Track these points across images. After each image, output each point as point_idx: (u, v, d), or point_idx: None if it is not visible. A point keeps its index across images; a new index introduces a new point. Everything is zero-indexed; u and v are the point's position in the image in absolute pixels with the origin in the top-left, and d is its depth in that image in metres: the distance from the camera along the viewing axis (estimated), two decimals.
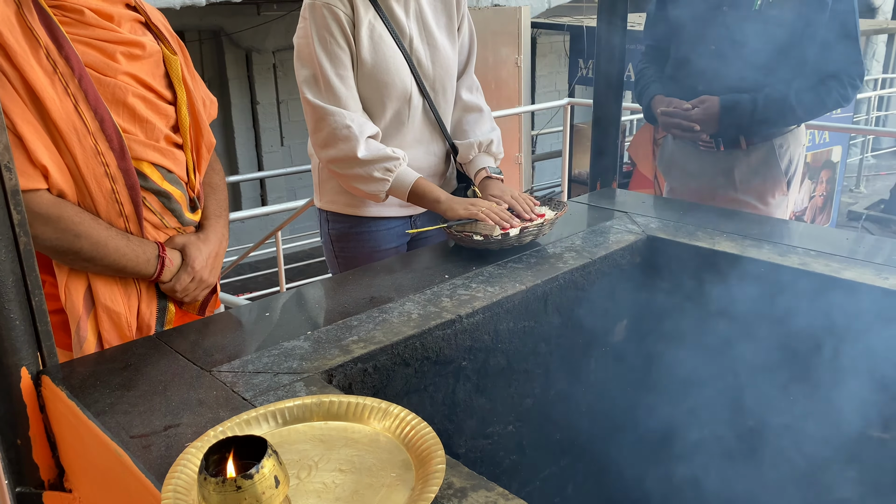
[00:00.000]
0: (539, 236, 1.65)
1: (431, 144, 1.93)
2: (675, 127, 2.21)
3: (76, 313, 1.33)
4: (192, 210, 1.47)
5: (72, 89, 1.24)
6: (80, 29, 1.28)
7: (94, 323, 1.34)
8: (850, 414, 1.42)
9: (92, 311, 1.34)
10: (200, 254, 1.44)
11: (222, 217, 1.55)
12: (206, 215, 1.52)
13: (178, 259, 1.41)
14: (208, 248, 1.46)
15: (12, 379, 1.11)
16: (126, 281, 1.37)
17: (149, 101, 1.36)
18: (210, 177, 1.57)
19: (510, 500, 0.84)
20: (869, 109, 9.21)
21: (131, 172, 1.31)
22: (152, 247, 1.37)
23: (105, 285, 1.34)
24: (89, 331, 1.34)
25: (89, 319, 1.34)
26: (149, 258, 1.36)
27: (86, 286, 1.33)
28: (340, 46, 1.73)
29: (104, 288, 1.34)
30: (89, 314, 1.34)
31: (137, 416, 1.02)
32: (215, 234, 1.50)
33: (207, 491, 0.73)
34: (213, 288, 1.51)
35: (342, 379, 1.16)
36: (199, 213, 1.50)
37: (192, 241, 1.44)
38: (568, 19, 7.44)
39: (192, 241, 1.44)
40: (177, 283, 1.40)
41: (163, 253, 1.38)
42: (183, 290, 1.42)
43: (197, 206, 1.49)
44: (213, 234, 1.49)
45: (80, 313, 1.33)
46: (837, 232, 1.78)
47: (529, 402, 1.55)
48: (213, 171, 1.59)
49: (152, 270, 1.37)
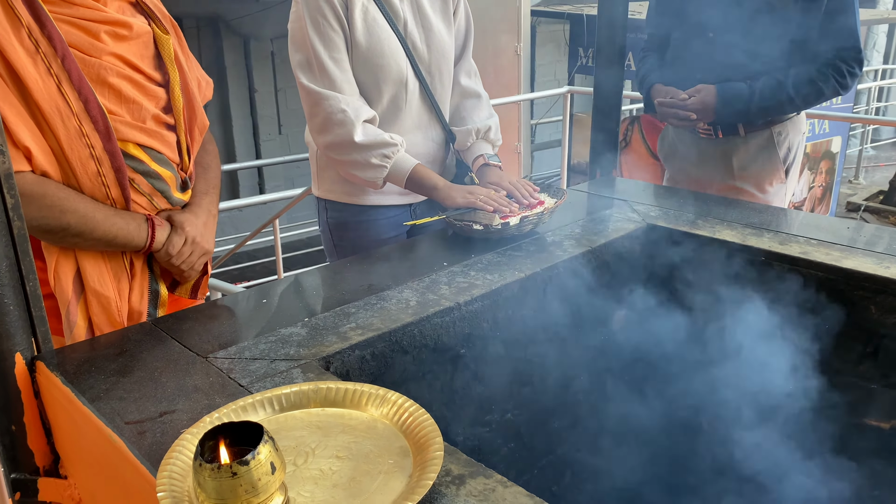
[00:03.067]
0: (538, 225, 1.64)
1: (430, 130, 1.91)
2: (672, 117, 2.21)
3: (65, 298, 1.31)
4: (182, 190, 1.46)
5: (55, 69, 1.21)
6: (63, 8, 1.25)
7: (83, 307, 1.33)
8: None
9: (81, 295, 1.33)
10: (188, 220, 1.42)
11: (209, 194, 1.53)
12: (194, 193, 1.51)
13: (167, 225, 1.40)
14: (197, 218, 1.45)
15: (6, 364, 1.10)
16: (116, 264, 1.36)
17: (135, 83, 1.33)
18: (202, 157, 1.56)
19: (508, 487, 0.83)
20: (869, 100, 9.19)
21: (117, 154, 1.29)
22: (140, 216, 1.36)
23: (94, 269, 1.33)
24: (79, 315, 1.33)
25: (79, 304, 1.33)
26: (139, 224, 1.34)
27: (75, 270, 1.32)
28: (334, 29, 1.71)
29: (94, 271, 1.33)
30: (79, 299, 1.33)
31: (132, 403, 1.02)
32: (202, 209, 1.48)
33: (203, 477, 0.72)
34: (204, 268, 1.50)
35: (340, 366, 1.15)
36: (189, 193, 1.49)
37: (178, 211, 1.44)
38: (568, 7, 7.40)
39: (177, 212, 1.43)
40: (170, 247, 1.39)
41: (151, 218, 1.37)
42: (178, 254, 1.40)
43: (188, 186, 1.48)
44: (200, 208, 1.48)
45: (70, 298, 1.31)
46: (838, 221, 1.77)
47: (528, 390, 1.54)
48: (205, 152, 1.57)
49: (144, 237, 1.35)
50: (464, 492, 0.83)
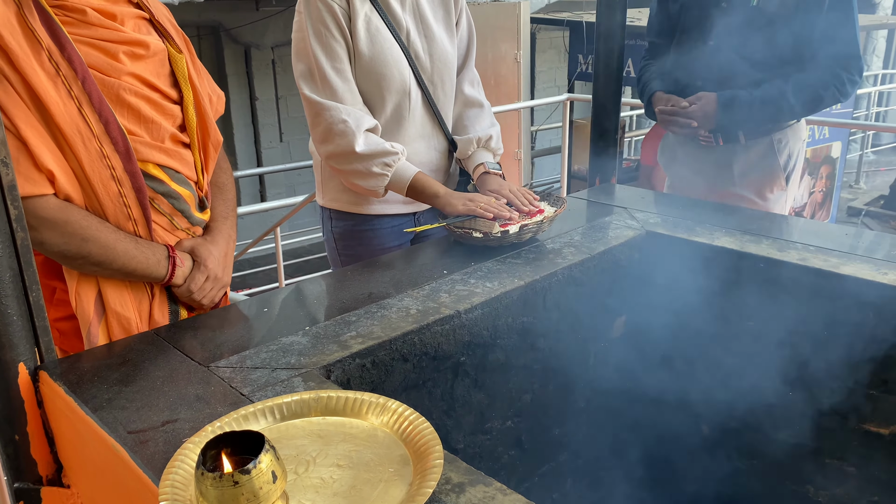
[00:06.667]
0: (538, 233, 1.65)
1: (433, 139, 1.92)
2: (672, 124, 2.22)
3: (87, 319, 1.32)
4: (201, 209, 1.46)
5: (75, 92, 1.22)
6: (82, 29, 1.25)
7: (105, 328, 1.33)
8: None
9: (103, 316, 1.33)
10: (211, 254, 1.42)
11: (229, 218, 1.53)
12: (213, 217, 1.50)
13: (189, 260, 1.40)
14: (218, 249, 1.45)
15: (10, 374, 1.11)
16: (137, 285, 1.36)
17: (154, 102, 1.34)
18: (217, 176, 1.56)
19: (508, 495, 0.84)
20: (869, 105, 9.19)
21: (138, 175, 1.29)
22: (162, 249, 1.35)
23: (115, 290, 1.33)
24: (101, 337, 1.33)
25: (101, 325, 1.33)
26: (159, 259, 1.34)
27: (96, 291, 1.32)
28: (336, 39, 1.72)
29: (114, 293, 1.33)
30: (100, 320, 1.33)
31: (135, 412, 1.02)
32: (222, 236, 1.48)
33: (205, 486, 0.73)
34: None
35: (340, 374, 1.16)
36: (208, 213, 1.49)
37: (201, 242, 1.43)
38: (567, 14, 7.42)
39: (200, 243, 1.42)
40: (192, 284, 1.39)
41: (173, 253, 1.36)
42: (199, 290, 1.40)
43: (206, 205, 1.48)
44: (221, 235, 1.48)
45: (91, 318, 1.32)
46: (837, 227, 1.78)
47: (528, 398, 1.55)
48: (220, 171, 1.57)
49: (164, 272, 1.35)
50: (464, 500, 0.83)
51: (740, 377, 1.60)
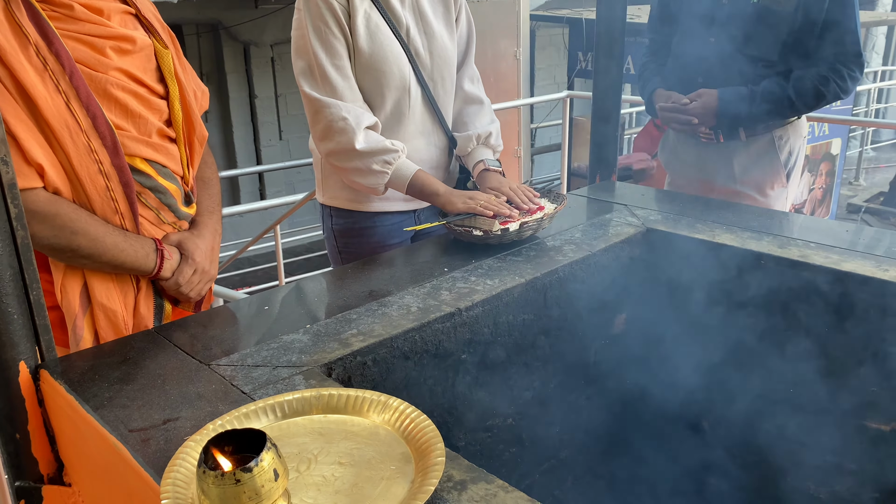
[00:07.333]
0: (538, 231, 1.65)
1: (433, 136, 1.92)
2: (673, 121, 2.22)
3: (72, 311, 1.32)
4: (187, 204, 1.47)
5: (63, 86, 1.22)
6: (69, 24, 1.26)
7: (90, 321, 1.34)
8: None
9: (88, 308, 1.34)
10: (198, 247, 1.44)
11: (215, 213, 1.54)
12: (199, 211, 1.51)
13: (177, 254, 1.41)
14: (205, 242, 1.46)
15: (11, 373, 1.11)
16: (122, 278, 1.36)
17: (140, 97, 1.34)
18: (202, 171, 1.57)
19: (510, 493, 0.84)
20: (869, 101, 9.19)
21: (125, 169, 1.30)
22: (150, 242, 1.37)
23: (101, 283, 1.34)
24: (86, 329, 1.33)
25: (86, 317, 1.33)
26: (147, 253, 1.35)
27: (82, 284, 1.33)
28: (336, 36, 1.72)
29: (100, 286, 1.34)
30: (86, 312, 1.33)
31: (136, 410, 1.02)
32: (209, 230, 1.49)
33: (206, 484, 0.73)
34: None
35: (341, 372, 1.16)
36: (194, 207, 1.50)
37: (188, 236, 1.44)
38: (567, 11, 7.42)
39: (187, 237, 1.44)
40: (180, 277, 1.40)
41: (161, 247, 1.37)
42: (187, 283, 1.41)
43: (191, 199, 1.49)
44: (207, 229, 1.49)
45: (77, 311, 1.32)
46: (837, 224, 1.78)
47: (529, 395, 1.55)
48: (205, 165, 1.58)
49: (152, 265, 1.36)
50: (465, 497, 0.83)
51: (741, 373, 1.60)
